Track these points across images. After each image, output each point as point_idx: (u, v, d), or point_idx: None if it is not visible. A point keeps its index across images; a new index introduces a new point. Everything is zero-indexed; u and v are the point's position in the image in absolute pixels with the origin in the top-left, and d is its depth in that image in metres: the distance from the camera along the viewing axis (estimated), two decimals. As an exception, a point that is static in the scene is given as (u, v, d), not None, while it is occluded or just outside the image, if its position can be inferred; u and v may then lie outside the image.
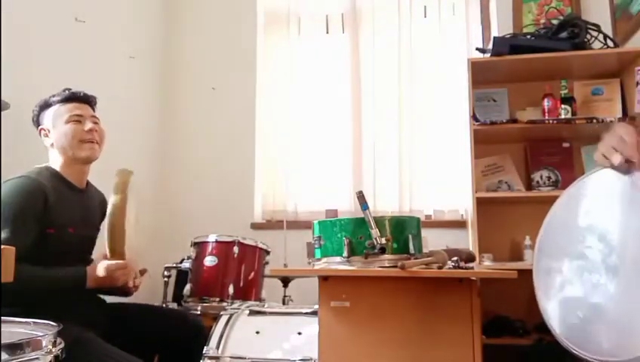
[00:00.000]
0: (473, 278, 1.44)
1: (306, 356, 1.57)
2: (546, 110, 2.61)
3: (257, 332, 1.73)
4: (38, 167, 1.75)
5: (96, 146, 1.80)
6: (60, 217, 1.68)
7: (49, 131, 1.78)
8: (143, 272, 1.87)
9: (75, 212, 1.75)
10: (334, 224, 1.48)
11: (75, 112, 1.77)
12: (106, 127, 1.89)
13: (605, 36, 2.54)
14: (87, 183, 1.88)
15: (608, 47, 2.54)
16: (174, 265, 2.51)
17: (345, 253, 1.43)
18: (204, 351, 1.65)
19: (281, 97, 3.46)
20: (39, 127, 1.80)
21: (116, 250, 1.65)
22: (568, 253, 1.09)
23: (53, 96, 1.80)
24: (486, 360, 1.40)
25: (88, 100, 1.85)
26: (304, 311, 1.79)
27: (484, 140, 2.68)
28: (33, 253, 1.55)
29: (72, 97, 1.80)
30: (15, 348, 0.87)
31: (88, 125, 1.78)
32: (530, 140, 2.81)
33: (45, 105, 1.79)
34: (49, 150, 1.79)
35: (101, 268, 1.63)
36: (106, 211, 1.91)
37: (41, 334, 0.95)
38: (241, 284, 2.28)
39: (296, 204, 3.33)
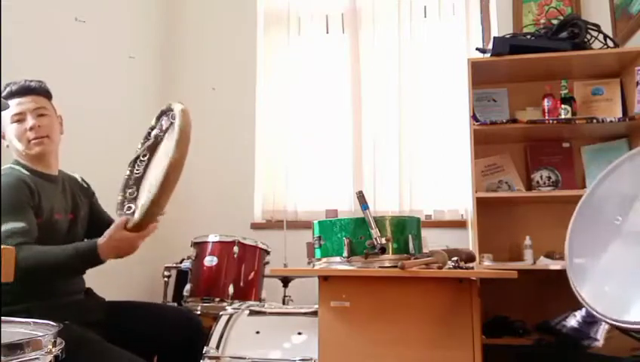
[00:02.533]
0: (473, 278, 1.44)
1: (306, 356, 1.57)
2: (546, 110, 2.61)
3: (257, 332, 1.73)
4: (7, 166, 1.70)
5: (45, 141, 1.70)
6: (44, 206, 1.65)
7: (4, 134, 1.73)
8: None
9: (56, 199, 1.73)
10: (334, 224, 1.48)
11: (16, 110, 1.68)
12: (105, 127, 1.87)
13: (605, 36, 2.54)
14: (59, 170, 1.84)
15: (608, 47, 2.54)
16: (174, 265, 2.52)
17: (345, 253, 1.43)
18: (204, 351, 1.65)
19: (281, 97, 3.46)
20: None
21: (149, 221, 1.54)
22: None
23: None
24: (486, 360, 1.40)
25: (30, 91, 1.72)
26: (304, 311, 1.79)
27: (484, 140, 2.68)
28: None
29: (11, 93, 1.69)
30: (15, 348, 0.87)
31: (29, 122, 1.68)
32: (530, 140, 2.81)
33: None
34: (12, 149, 1.74)
35: (120, 240, 1.55)
36: (84, 192, 1.89)
37: (41, 334, 0.95)
38: (241, 284, 2.28)
39: (296, 204, 3.33)
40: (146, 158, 1.79)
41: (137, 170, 1.78)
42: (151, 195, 1.47)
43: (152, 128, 1.78)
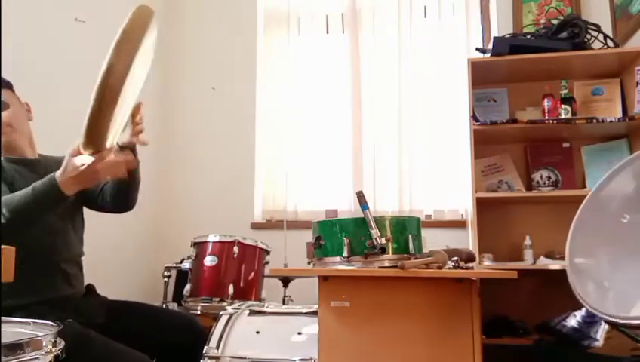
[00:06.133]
0: (473, 278, 1.44)
1: (306, 356, 1.57)
2: (546, 110, 2.61)
3: (257, 332, 1.73)
4: None
5: (6, 130, 1.66)
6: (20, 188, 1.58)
7: None
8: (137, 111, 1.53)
9: (33, 182, 1.64)
10: (334, 224, 1.48)
11: None
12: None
13: (605, 36, 2.54)
14: (41, 155, 1.81)
15: (608, 47, 2.54)
16: (174, 265, 2.52)
17: (345, 253, 1.43)
18: (204, 351, 1.65)
19: (281, 97, 3.46)
20: None
21: (93, 138, 1.33)
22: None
23: None
24: (486, 360, 1.40)
25: None
26: (304, 311, 1.79)
27: (484, 140, 2.68)
28: None
29: None
30: (15, 348, 0.87)
31: None
32: (530, 140, 2.81)
33: None
34: None
35: (70, 167, 1.39)
36: None
37: (41, 334, 0.95)
38: (241, 284, 2.28)
39: (296, 204, 3.33)
40: None
41: None
42: (90, 108, 1.28)
43: None
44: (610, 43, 2.54)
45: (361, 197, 1.46)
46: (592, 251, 1.18)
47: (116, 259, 2.77)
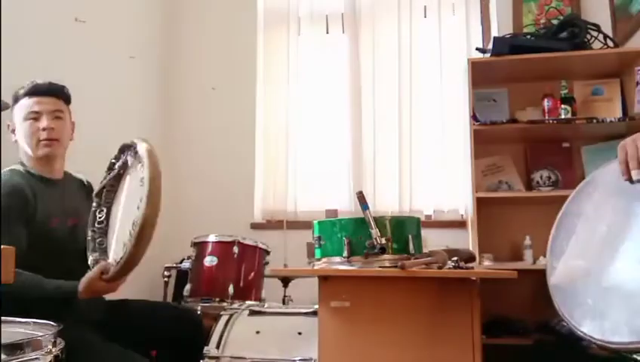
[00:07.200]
0: (473, 278, 1.44)
1: (306, 356, 1.57)
2: (546, 110, 2.61)
3: (257, 332, 1.73)
4: (8, 169, 1.70)
5: (54, 144, 1.71)
6: (40, 213, 1.64)
7: (15, 128, 1.73)
8: None
9: (54, 205, 1.71)
10: (334, 224, 1.48)
11: (33, 108, 1.69)
12: (105, 127, 1.87)
13: (605, 36, 2.54)
14: (65, 172, 1.84)
15: (608, 47, 2.54)
16: (174, 265, 2.51)
17: (345, 253, 1.43)
18: (204, 351, 1.65)
19: (281, 97, 3.45)
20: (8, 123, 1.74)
21: (128, 271, 1.51)
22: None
23: (22, 88, 1.73)
24: (486, 360, 1.40)
25: (53, 92, 1.74)
26: (304, 311, 1.79)
27: (484, 140, 2.68)
28: (25, 255, 1.52)
29: (34, 91, 1.71)
30: (15, 348, 0.87)
31: (44, 122, 1.69)
32: (530, 140, 2.81)
33: (14, 100, 1.73)
34: (19, 146, 1.74)
35: (98, 290, 1.56)
36: (88, 194, 1.85)
37: (41, 334, 0.95)
38: (241, 284, 2.28)
39: (296, 204, 3.33)
40: (113, 189, 1.76)
41: (106, 201, 1.75)
42: (127, 251, 1.44)
43: (116, 159, 1.74)
44: (610, 43, 2.54)
45: (361, 197, 1.46)
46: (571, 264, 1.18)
47: (116, 259, 2.77)
